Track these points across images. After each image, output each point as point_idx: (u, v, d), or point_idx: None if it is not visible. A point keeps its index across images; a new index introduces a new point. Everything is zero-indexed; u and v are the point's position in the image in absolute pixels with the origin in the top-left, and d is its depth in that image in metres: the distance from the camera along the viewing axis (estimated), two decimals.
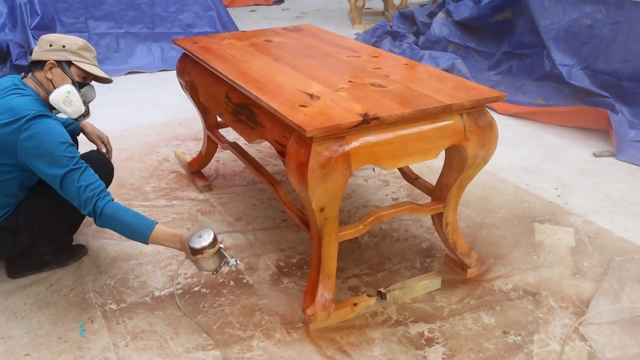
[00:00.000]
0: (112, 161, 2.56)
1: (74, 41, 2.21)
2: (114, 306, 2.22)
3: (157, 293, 2.29)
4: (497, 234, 2.68)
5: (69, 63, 2.19)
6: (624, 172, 3.32)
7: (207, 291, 2.30)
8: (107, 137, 2.63)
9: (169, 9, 5.73)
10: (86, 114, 2.26)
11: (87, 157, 2.24)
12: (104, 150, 2.58)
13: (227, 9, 6.33)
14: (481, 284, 2.33)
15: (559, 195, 3.05)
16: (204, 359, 1.96)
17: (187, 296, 2.27)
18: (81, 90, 2.22)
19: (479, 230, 2.71)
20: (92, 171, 2.06)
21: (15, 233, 2.17)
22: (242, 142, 3.16)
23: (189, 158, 3.32)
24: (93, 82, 2.33)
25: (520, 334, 2.06)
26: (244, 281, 2.36)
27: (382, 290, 2.20)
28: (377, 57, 2.58)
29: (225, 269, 2.34)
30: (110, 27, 5.50)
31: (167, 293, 2.29)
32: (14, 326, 2.11)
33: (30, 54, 2.25)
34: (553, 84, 4.33)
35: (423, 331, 2.08)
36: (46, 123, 2.03)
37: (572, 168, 3.38)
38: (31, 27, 5.06)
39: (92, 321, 2.13)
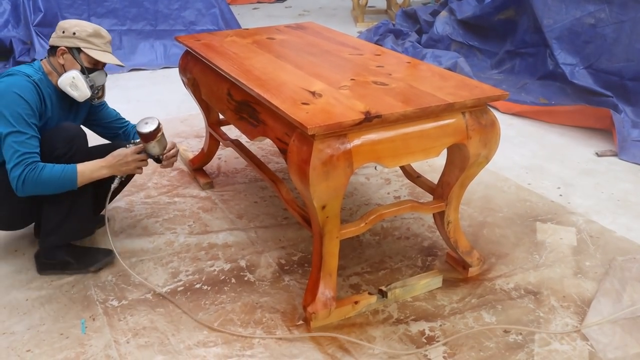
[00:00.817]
0: None
1: (84, 28, 2.27)
2: (115, 303, 2.22)
3: (158, 290, 2.29)
4: (498, 233, 2.67)
5: (78, 50, 2.27)
6: (626, 171, 3.32)
7: (209, 288, 2.30)
8: (174, 144, 2.49)
9: (171, 6, 5.73)
10: (95, 97, 2.34)
11: (55, 127, 2.26)
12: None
13: (230, 6, 6.33)
14: (482, 282, 2.33)
15: (561, 195, 3.04)
16: (205, 355, 1.96)
17: (189, 293, 2.27)
18: (90, 75, 2.28)
19: (481, 229, 2.71)
20: (36, 141, 2.13)
21: None
22: (244, 139, 3.16)
23: (191, 155, 3.33)
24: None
25: (521, 333, 2.06)
26: (245, 278, 2.36)
27: (383, 288, 2.20)
28: (379, 55, 2.58)
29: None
30: (113, 24, 5.50)
31: (169, 290, 2.29)
32: (16, 322, 2.12)
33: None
34: (556, 83, 4.32)
35: (424, 329, 2.08)
36: (16, 79, 2.15)
37: (574, 167, 3.37)
38: (34, 23, 5.06)
39: (93, 318, 2.14)
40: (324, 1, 9.00)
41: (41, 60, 2.34)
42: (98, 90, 2.35)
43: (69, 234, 2.34)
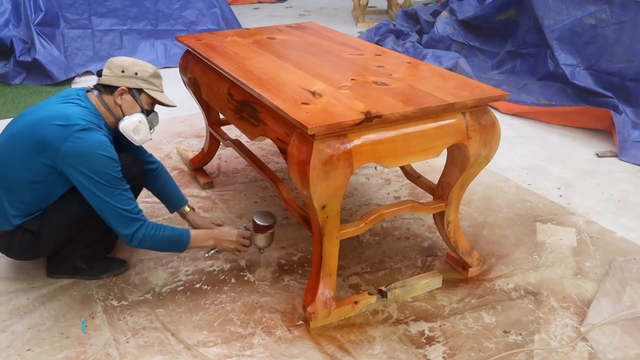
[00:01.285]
0: None
1: (145, 68, 2.20)
2: (115, 302, 2.22)
3: (158, 290, 2.29)
4: (499, 234, 2.67)
5: (140, 90, 2.19)
6: (626, 172, 3.32)
7: (208, 288, 2.30)
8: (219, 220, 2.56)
9: (172, 6, 5.73)
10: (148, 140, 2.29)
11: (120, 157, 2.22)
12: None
13: (231, 6, 6.33)
14: (482, 283, 2.33)
15: (561, 195, 3.04)
16: (205, 355, 1.96)
17: (188, 293, 2.27)
18: (148, 117, 2.23)
19: (481, 230, 2.71)
20: (131, 193, 2.09)
21: (36, 236, 2.14)
22: (244, 139, 3.16)
23: (191, 155, 3.33)
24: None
25: (521, 334, 2.06)
26: (245, 278, 2.36)
27: (383, 288, 2.20)
28: (380, 55, 2.58)
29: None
30: (114, 23, 5.50)
31: (168, 290, 2.29)
32: (17, 321, 2.12)
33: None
34: (556, 83, 4.32)
35: (424, 330, 2.08)
36: (95, 137, 2.02)
37: (574, 168, 3.37)
38: (35, 23, 5.06)
39: (93, 317, 2.14)
40: (325, 1, 9.00)
41: (86, 91, 2.20)
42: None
43: (96, 252, 2.38)
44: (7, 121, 4.05)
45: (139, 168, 2.35)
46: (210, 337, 2.04)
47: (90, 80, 5.07)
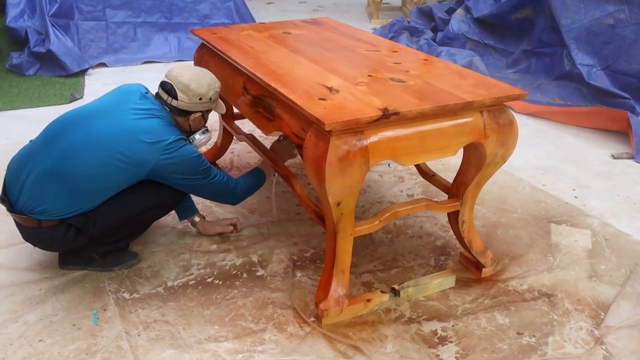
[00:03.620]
0: None
1: (216, 89, 2.29)
2: (126, 295, 2.22)
3: (170, 283, 2.29)
4: (512, 234, 2.65)
5: (209, 109, 2.35)
6: None
7: (220, 283, 2.30)
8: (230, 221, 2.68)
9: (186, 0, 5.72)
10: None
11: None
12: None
13: (245, 0, 6.31)
14: (496, 283, 2.31)
15: (576, 197, 3.01)
16: (216, 350, 1.95)
17: (200, 287, 2.27)
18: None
19: (495, 230, 2.68)
20: (217, 169, 2.31)
21: (79, 232, 2.16)
22: (257, 133, 3.15)
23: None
24: None
25: (534, 336, 2.04)
26: (257, 274, 2.36)
27: (396, 287, 2.19)
28: (396, 51, 2.56)
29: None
30: (128, 15, 5.51)
31: (180, 283, 2.29)
32: (29, 311, 2.12)
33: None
34: (572, 83, 4.28)
35: (436, 329, 2.06)
36: (185, 147, 2.18)
37: (590, 169, 3.33)
38: (49, 14, 5.08)
39: (104, 309, 2.14)
40: None
41: (163, 106, 2.25)
42: None
43: (114, 247, 2.38)
44: (21, 112, 4.11)
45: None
46: (222, 332, 2.04)
47: (104, 73, 5.09)
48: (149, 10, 5.58)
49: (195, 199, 2.59)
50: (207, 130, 2.41)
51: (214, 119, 3.81)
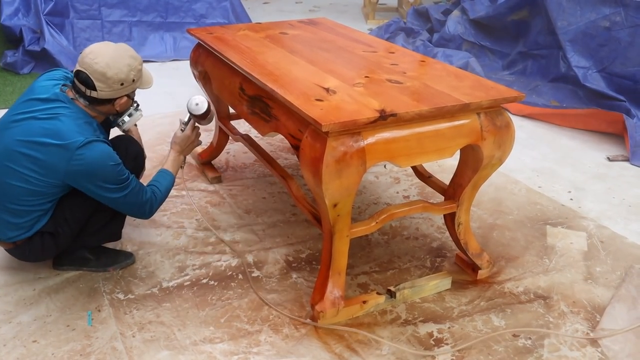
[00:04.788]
0: None
1: (137, 67, 2.12)
2: (121, 296, 2.21)
3: (164, 284, 2.28)
4: (508, 236, 2.65)
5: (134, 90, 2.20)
6: (638, 177, 3.28)
7: (215, 284, 2.29)
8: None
9: None
10: None
11: (114, 143, 2.23)
12: None
13: (241, 0, 6.29)
14: (492, 285, 2.31)
15: (572, 199, 3.02)
16: (211, 351, 1.94)
17: (195, 288, 2.26)
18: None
19: (491, 232, 2.68)
20: (136, 180, 2.12)
21: (55, 236, 2.14)
22: (253, 134, 3.14)
23: (199, 149, 3.31)
24: None
25: (530, 338, 2.04)
26: (253, 275, 2.35)
27: (392, 288, 2.18)
28: (393, 53, 2.55)
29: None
30: (124, 15, 5.48)
31: (175, 284, 2.28)
32: (23, 312, 2.11)
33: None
34: (568, 86, 4.28)
35: (432, 331, 2.06)
36: (97, 149, 1.97)
37: (585, 171, 3.34)
38: (44, 12, 5.05)
39: (99, 310, 2.13)
40: None
41: (72, 99, 2.07)
42: None
43: (103, 237, 2.34)
44: None
45: (136, 147, 2.34)
46: (217, 334, 2.03)
47: None
48: (144, 9, 5.55)
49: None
50: (136, 107, 2.27)
51: None
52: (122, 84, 2.07)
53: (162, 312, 2.12)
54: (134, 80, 2.12)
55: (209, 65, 2.78)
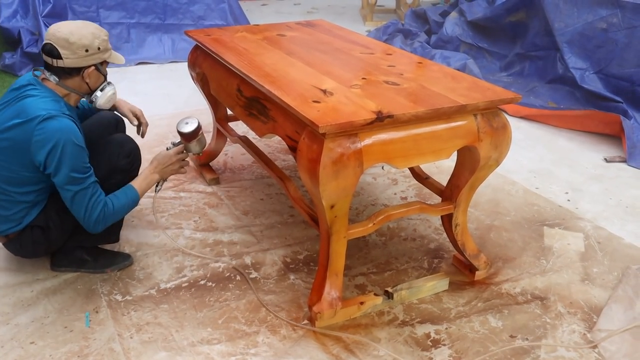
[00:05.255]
0: None
1: (102, 37, 2.09)
2: (119, 297, 2.21)
3: (162, 285, 2.28)
4: (506, 237, 2.66)
5: (102, 62, 2.14)
6: (635, 178, 3.29)
7: (213, 285, 2.29)
8: (141, 111, 2.53)
9: (180, 1, 5.71)
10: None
11: (108, 141, 2.26)
12: (135, 123, 2.49)
13: (239, 2, 6.31)
14: (489, 286, 2.32)
15: (569, 200, 3.02)
16: (209, 353, 1.95)
17: (193, 289, 2.26)
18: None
19: (488, 233, 2.69)
20: (97, 185, 2.06)
21: (45, 230, 2.14)
22: (251, 135, 3.15)
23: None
24: None
25: (527, 339, 2.04)
26: (250, 276, 2.35)
27: (389, 289, 2.19)
28: (390, 54, 2.56)
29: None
30: (122, 16, 5.49)
31: (173, 286, 2.28)
32: (20, 313, 2.11)
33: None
34: (565, 87, 4.29)
35: (429, 332, 2.06)
36: (61, 122, 1.96)
37: (582, 173, 3.35)
38: (43, 14, 5.05)
39: (97, 311, 2.13)
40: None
41: (41, 79, 2.08)
42: None
43: (99, 238, 2.33)
44: None
45: (131, 144, 2.31)
46: (215, 335, 2.03)
47: None
48: (142, 11, 5.56)
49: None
50: (108, 83, 2.21)
51: (207, 121, 3.80)
52: (86, 50, 2.03)
53: (160, 313, 2.13)
54: (99, 49, 2.07)
55: (206, 67, 2.78)
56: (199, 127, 2.31)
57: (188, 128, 2.28)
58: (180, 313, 2.13)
